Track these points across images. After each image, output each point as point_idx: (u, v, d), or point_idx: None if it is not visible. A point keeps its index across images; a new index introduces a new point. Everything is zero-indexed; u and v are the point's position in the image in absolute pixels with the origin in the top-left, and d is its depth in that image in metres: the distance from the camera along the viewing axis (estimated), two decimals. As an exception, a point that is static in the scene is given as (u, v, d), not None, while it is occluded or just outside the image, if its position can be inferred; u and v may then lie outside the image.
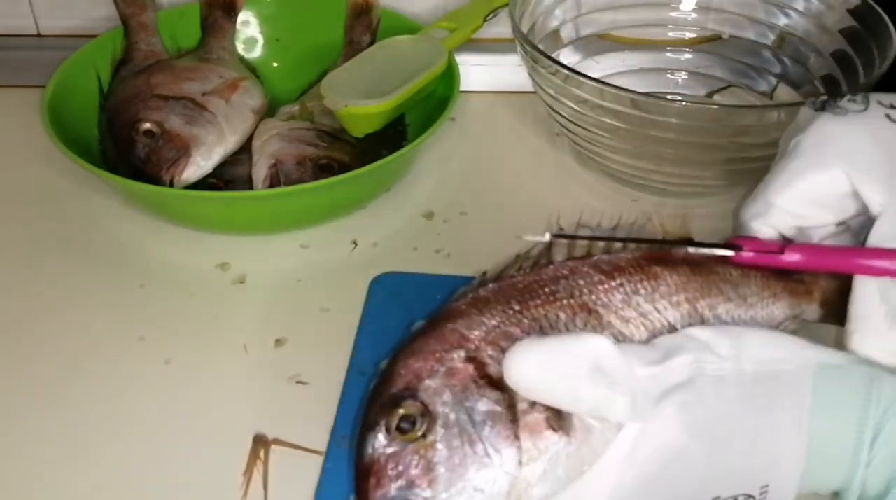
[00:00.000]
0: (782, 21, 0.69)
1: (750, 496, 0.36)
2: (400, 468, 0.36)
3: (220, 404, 0.49)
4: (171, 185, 0.58)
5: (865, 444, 0.35)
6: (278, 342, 0.53)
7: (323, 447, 0.46)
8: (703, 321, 0.41)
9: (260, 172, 0.59)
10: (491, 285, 0.41)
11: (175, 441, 0.47)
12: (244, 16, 0.73)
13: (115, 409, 0.49)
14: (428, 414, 0.36)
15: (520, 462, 0.35)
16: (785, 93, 0.68)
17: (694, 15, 0.72)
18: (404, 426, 0.36)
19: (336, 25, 0.72)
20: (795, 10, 0.68)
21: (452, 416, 0.36)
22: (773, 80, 0.69)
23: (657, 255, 0.41)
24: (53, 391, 0.50)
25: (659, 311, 0.40)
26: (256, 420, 0.48)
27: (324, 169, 0.59)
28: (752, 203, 0.44)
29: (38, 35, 0.81)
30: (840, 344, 0.39)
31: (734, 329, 0.38)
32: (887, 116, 0.41)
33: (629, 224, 0.44)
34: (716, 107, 0.60)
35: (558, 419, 0.36)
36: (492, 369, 0.37)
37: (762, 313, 0.42)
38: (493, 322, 0.39)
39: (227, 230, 0.60)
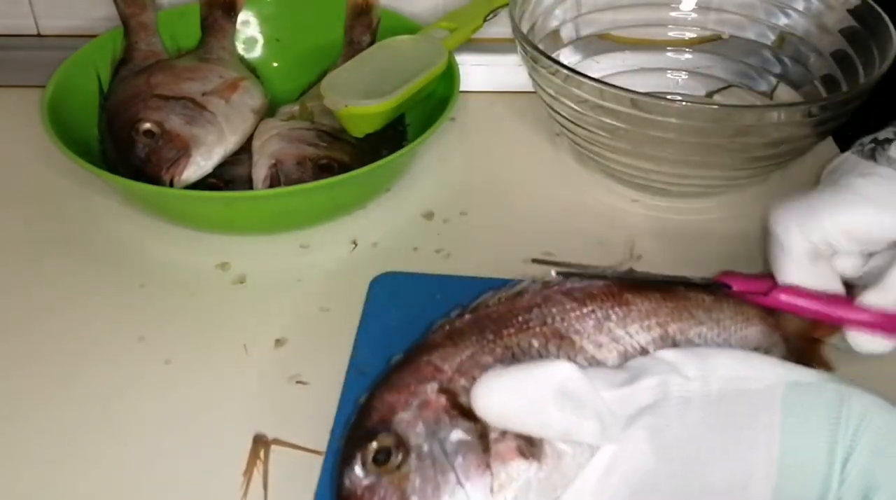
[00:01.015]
0: (782, 21, 0.69)
1: None
2: (376, 499, 0.37)
3: (220, 404, 0.49)
4: (171, 185, 0.58)
5: (837, 462, 0.35)
6: (278, 342, 0.53)
7: (323, 447, 0.46)
8: (674, 345, 0.41)
9: (260, 172, 0.59)
10: (467, 316, 0.42)
11: (175, 441, 0.47)
12: (244, 16, 0.73)
13: (115, 409, 0.49)
14: (402, 446, 0.37)
15: (491, 490, 0.36)
16: (785, 93, 0.68)
17: (694, 15, 0.72)
18: (380, 458, 0.37)
19: (336, 25, 0.72)
20: (795, 10, 0.68)
21: (426, 447, 0.37)
22: (773, 80, 0.69)
23: (628, 285, 0.42)
24: (53, 391, 0.50)
25: (631, 335, 0.41)
26: (256, 420, 0.48)
27: (324, 169, 0.59)
28: (800, 210, 0.44)
29: (38, 35, 0.81)
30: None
31: (702, 350, 0.39)
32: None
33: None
34: (716, 107, 0.60)
35: (530, 446, 0.37)
36: (464, 399, 0.38)
37: (736, 336, 0.43)
38: (467, 353, 0.40)
39: (227, 230, 0.60)
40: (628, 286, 0.42)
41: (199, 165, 0.59)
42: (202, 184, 0.60)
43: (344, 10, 0.72)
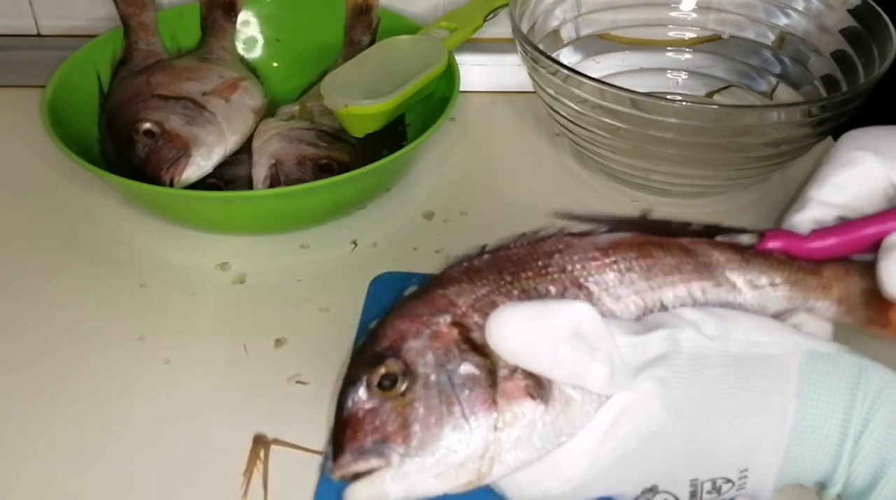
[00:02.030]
0: (782, 21, 0.69)
1: (729, 479, 0.36)
2: (377, 423, 0.36)
3: (220, 403, 0.49)
4: (171, 185, 0.58)
5: (851, 435, 0.35)
6: (278, 342, 0.53)
7: (322, 447, 0.46)
8: (694, 304, 0.40)
9: (260, 172, 0.59)
10: (486, 256, 0.41)
11: (174, 441, 0.47)
12: (244, 16, 0.73)
13: (115, 408, 0.49)
14: (409, 374, 0.37)
15: (495, 427, 0.36)
16: (785, 93, 0.68)
17: (694, 15, 0.72)
18: (385, 383, 0.37)
19: (336, 25, 0.72)
20: (795, 10, 0.68)
21: (433, 377, 0.37)
22: (773, 81, 0.69)
23: (653, 238, 0.41)
24: (53, 391, 0.50)
25: (652, 289, 0.40)
26: (256, 420, 0.48)
27: (324, 169, 0.59)
28: (793, 205, 0.44)
29: (39, 35, 0.81)
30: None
31: (722, 311, 0.38)
32: None
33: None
34: (716, 107, 0.60)
35: (538, 388, 0.36)
36: (476, 335, 0.37)
37: (754, 302, 0.42)
38: (483, 291, 0.39)
39: (227, 230, 0.60)
40: (654, 241, 0.41)
41: (199, 165, 0.59)
42: (202, 184, 0.60)
43: (344, 11, 0.72)
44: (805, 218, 0.43)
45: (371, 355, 0.38)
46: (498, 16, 0.72)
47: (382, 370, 0.37)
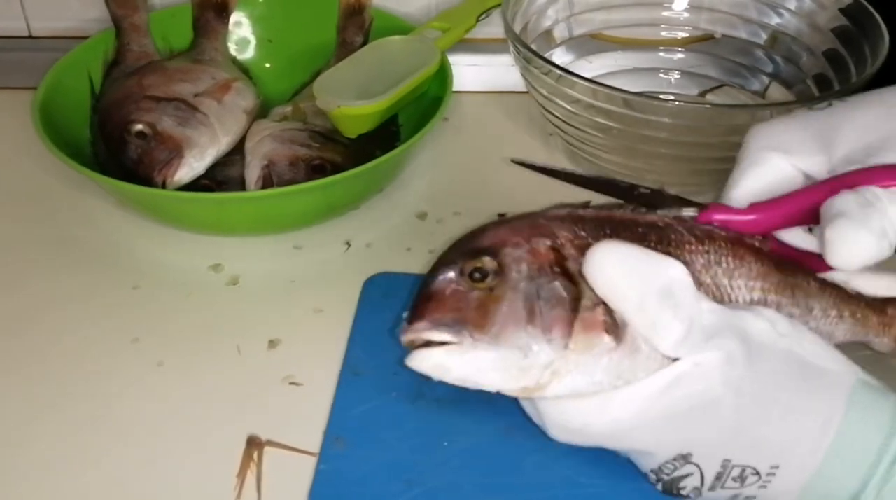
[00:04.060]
0: (774, 20, 0.69)
1: (757, 472, 0.37)
2: (461, 304, 0.38)
3: (214, 405, 0.49)
4: (164, 186, 0.58)
5: (886, 461, 0.36)
6: (272, 343, 0.53)
7: (316, 449, 0.46)
8: None
9: (252, 173, 0.59)
10: (591, 210, 0.42)
11: (168, 443, 0.47)
12: (236, 17, 0.73)
13: (109, 410, 0.49)
14: (501, 274, 0.38)
15: (566, 346, 0.37)
16: (777, 92, 0.68)
17: (686, 14, 0.72)
18: (477, 275, 0.39)
19: (328, 26, 0.72)
20: (787, 9, 0.68)
21: (522, 284, 0.38)
22: (766, 80, 0.69)
23: (748, 242, 0.42)
24: (47, 393, 0.50)
25: (732, 288, 0.41)
26: (250, 422, 0.48)
27: (316, 170, 0.59)
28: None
29: (30, 36, 0.80)
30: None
31: (795, 322, 0.40)
32: (809, 108, 0.45)
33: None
34: (708, 106, 0.60)
35: (614, 326, 0.37)
36: (570, 264, 0.39)
37: (823, 329, 0.43)
38: (582, 234, 0.40)
39: (220, 231, 0.60)
40: (746, 243, 0.42)
41: (192, 166, 0.59)
42: (195, 185, 0.60)
43: (336, 11, 0.72)
44: None
45: (470, 248, 0.40)
46: (490, 16, 0.72)
47: (478, 263, 0.39)
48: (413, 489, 0.43)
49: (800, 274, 0.43)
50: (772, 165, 0.43)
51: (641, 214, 0.42)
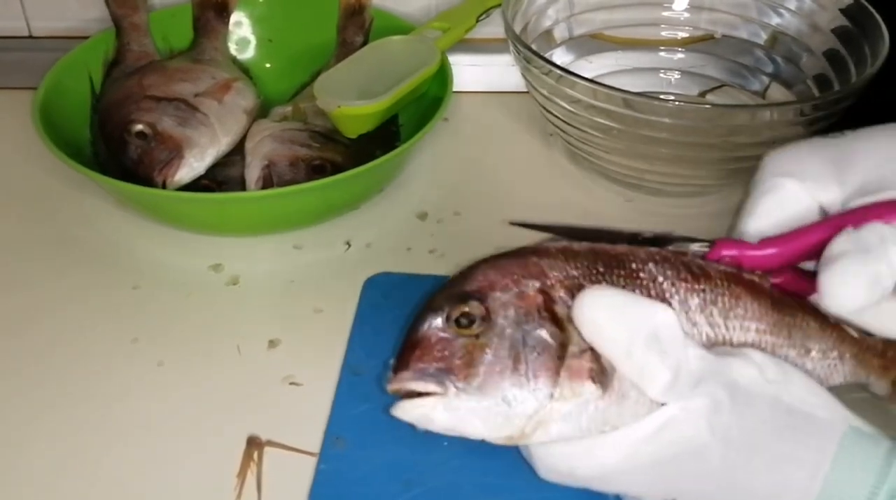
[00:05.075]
0: (775, 20, 0.69)
1: None
2: (446, 352, 0.38)
3: (214, 405, 0.49)
4: (164, 186, 0.58)
5: None
6: (272, 343, 0.53)
7: (316, 449, 0.46)
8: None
9: (253, 173, 0.59)
10: (585, 243, 0.42)
11: (168, 443, 0.47)
12: (236, 16, 0.73)
13: (109, 411, 0.49)
14: (488, 320, 0.38)
15: (551, 396, 0.37)
16: (777, 92, 0.68)
17: (686, 14, 0.72)
18: (463, 321, 0.39)
19: (329, 26, 0.72)
20: (788, 9, 0.68)
21: (509, 331, 0.38)
22: (766, 80, 0.69)
23: (747, 278, 0.42)
24: (47, 393, 0.50)
25: (727, 328, 0.41)
26: (250, 422, 0.48)
27: (317, 170, 0.59)
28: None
29: (30, 37, 0.80)
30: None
31: (786, 365, 0.40)
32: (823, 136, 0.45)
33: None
34: (708, 106, 0.60)
35: (601, 374, 0.37)
36: (559, 308, 0.39)
37: (821, 370, 0.43)
38: (575, 273, 0.40)
39: (221, 231, 0.60)
40: (744, 281, 0.42)
41: (192, 166, 0.59)
42: (195, 185, 0.60)
43: (336, 11, 0.72)
44: None
45: (458, 292, 0.39)
46: (491, 16, 0.72)
47: (465, 308, 0.39)
48: (413, 489, 0.43)
49: (800, 314, 0.42)
50: (786, 193, 0.43)
51: (638, 249, 0.42)
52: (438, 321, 0.39)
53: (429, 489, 0.43)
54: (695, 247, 0.43)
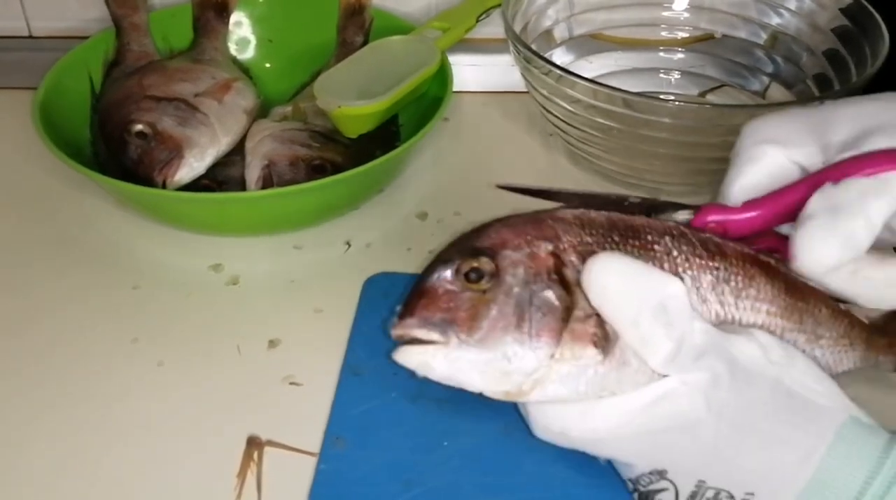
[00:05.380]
0: (775, 20, 0.69)
1: (731, 496, 0.37)
2: (452, 304, 0.39)
3: (214, 405, 0.49)
4: (164, 186, 0.58)
5: (867, 498, 0.36)
6: (272, 343, 0.53)
7: (317, 449, 0.46)
8: None
9: (253, 173, 0.59)
10: (602, 212, 0.42)
11: (168, 443, 0.47)
12: (236, 17, 0.73)
13: (109, 411, 0.49)
14: (496, 277, 0.39)
15: (552, 356, 0.37)
16: (777, 92, 0.68)
17: (686, 15, 0.72)
18: (472, 275, 0.39)
19: (329, 26, 0.72)
20: (788, 9, 0.68)
21: (516, 289, 0.38)
22: (766, 80, 0.69)
23: (763, 260, 0.42)
24: (47, 393, 0.50)
25: (738, 308, 0.41)
26: (250, 422, 0.48)
27: (317, 170, 0.59)
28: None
29: (30, 37, 0.81)
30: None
31: (792, 349, 0.40)
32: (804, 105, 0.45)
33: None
34: (708, 106, 0.60)
35: (604, 339, 0.38)
36: (568, 272, 0.39)
37: (831, 357, 0.43)
38: (588, 239, 0.40)
39: (221, 231, 0.60)
40: (760, 262, 0.42)
41: (192, 166, 0.59)
42: (195, 185, 0.60)
43: (336, 11, 0.72)
44: None
45: (469, 247, 0.40)
46: (490, 16, 0.72)
47: (475, 263, 0.39)
48: (413, 489, 0.43)
49: (812, 299, 0.42)
50: (768, 159, 0.43)
51: (656, 221, 0.42)
52: (448, 273, 0.39)
53: (429, 489, 0.43)
54: (681, 213, 0.43)
